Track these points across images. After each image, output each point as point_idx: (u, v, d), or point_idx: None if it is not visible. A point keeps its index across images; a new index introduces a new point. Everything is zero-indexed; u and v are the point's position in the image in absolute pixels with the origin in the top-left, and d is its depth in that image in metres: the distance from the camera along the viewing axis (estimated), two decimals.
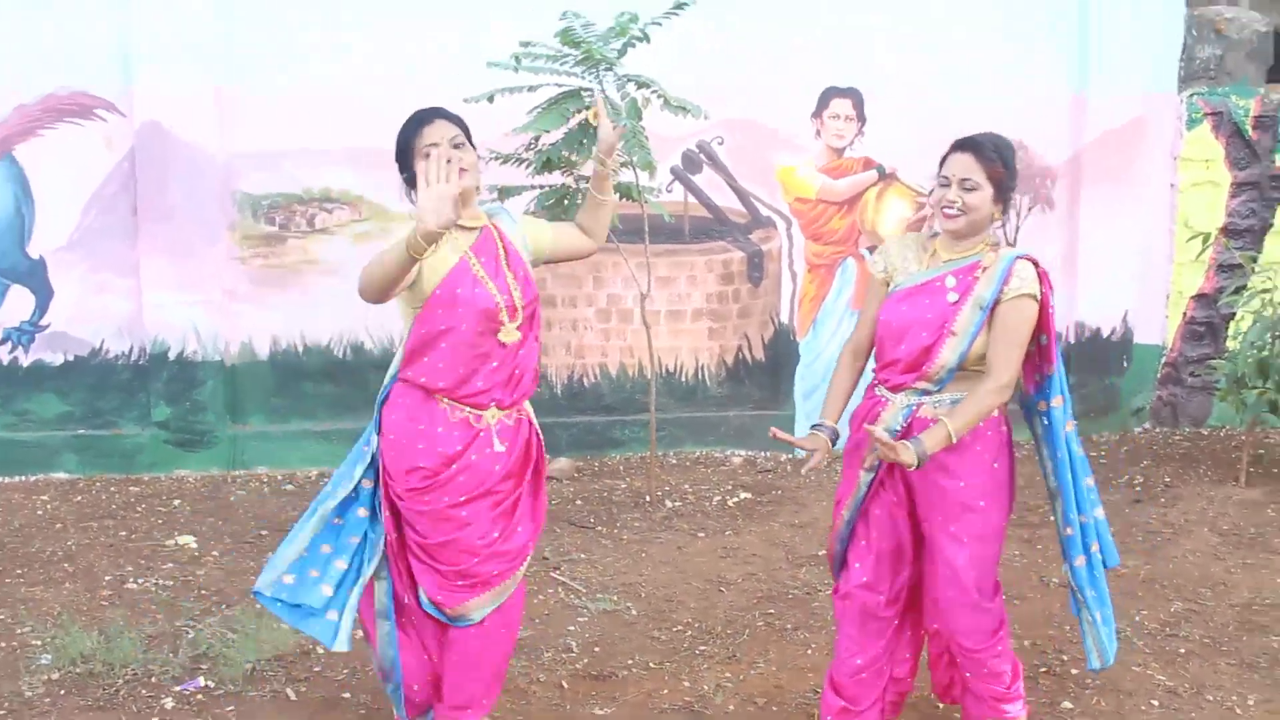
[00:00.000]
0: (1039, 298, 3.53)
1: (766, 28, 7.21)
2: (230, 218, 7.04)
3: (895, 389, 3.63)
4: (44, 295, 7.00)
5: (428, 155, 3.33)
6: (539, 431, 3.73)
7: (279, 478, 7.05)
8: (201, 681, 4.47)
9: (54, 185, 6.93)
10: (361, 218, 7.11)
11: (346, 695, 4.39)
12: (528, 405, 3.69)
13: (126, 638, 4.70)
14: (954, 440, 3.43)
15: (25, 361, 7.04)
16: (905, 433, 3.58)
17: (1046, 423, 3.71)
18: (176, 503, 6.60)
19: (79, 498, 6.70)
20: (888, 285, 3.73)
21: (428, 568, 3.57)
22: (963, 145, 3.59)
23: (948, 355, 3.54)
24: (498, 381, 3.51)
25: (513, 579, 3.62)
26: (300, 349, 7.17)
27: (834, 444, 3.69)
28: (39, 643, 4.78)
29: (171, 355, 7.00)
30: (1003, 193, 3.58)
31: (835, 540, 3.83)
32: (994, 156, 3.53)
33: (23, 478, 6.99)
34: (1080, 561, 3.72)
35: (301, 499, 6.60)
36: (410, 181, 3.53)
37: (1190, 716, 4.22)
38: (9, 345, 7.01)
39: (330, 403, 7.24)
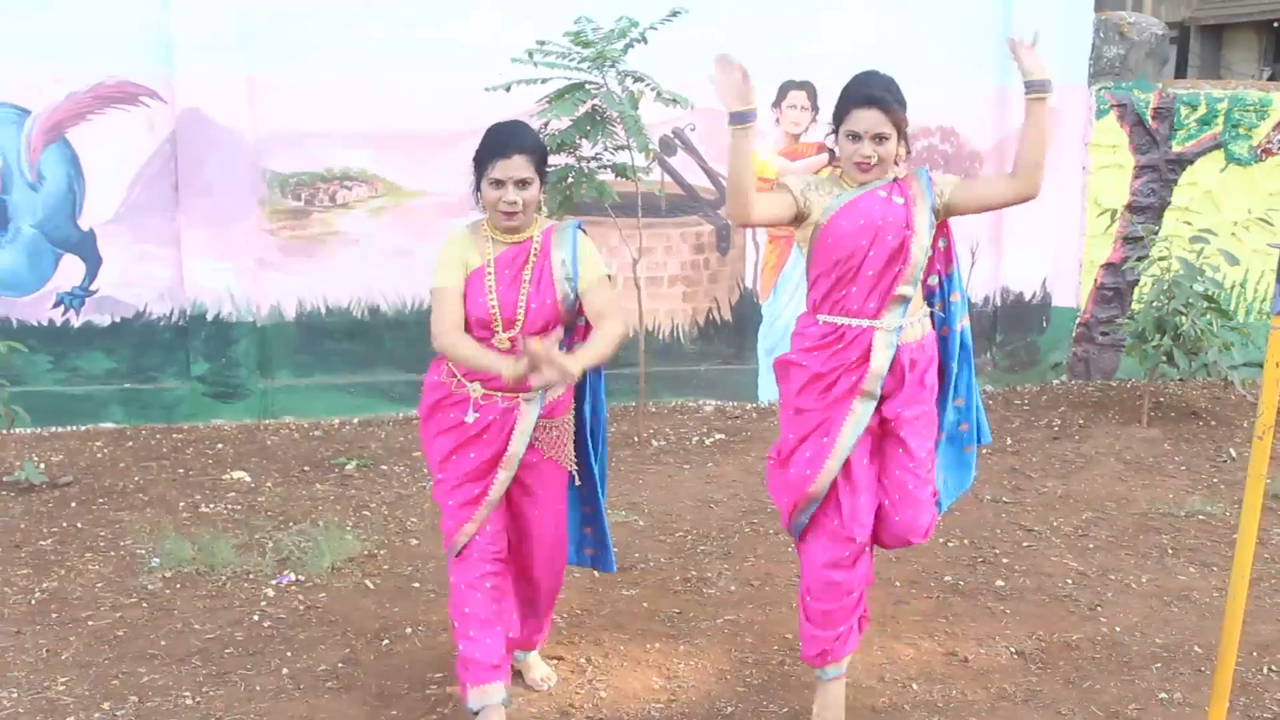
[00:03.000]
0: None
1: (732, 28, 8.09)
2: (261, 194, 7.84)
3: (876, 312, 3.74)
4: (93, 263, 7.76)
5: (494, 185, 3.71)
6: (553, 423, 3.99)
7: (305, 425, 7.90)
8: (292, 576, 5.37)
9: (102, 164, 7.66)
10: (378, 194, 7.96)
11: (416, 585, 5.32)
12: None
13: (220, 545, 5.60)
14: None
15: (76, 323, 7.80)
16: (895, 363, 3.76)
17: (948, 314, 3.97)
18: (220, 446, 7.44)
19: (130, 443, 7.51)
20: (796, 209, 3.76)
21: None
22: (867, 100, 3.67)
23: (916, 252, 3.72)
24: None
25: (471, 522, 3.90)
26: (323, 311, 8.01)
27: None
28: (143, 552, 5.66)
29: (209, 317, 7.81)
30: (903, 134, 3.75)
31: (811, 482, 3.81)
32: (896, 106, 3.67)
33: (75, 427, 7.77)
34: (964, 427, 4.08)
35: (328, 444, 7.49)
36: (476, 182, 3.82)
37: (1096, 589, 5.30)
38: (62, 308, 7.77)
39: (350, 359, 8.09)
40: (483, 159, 3.74)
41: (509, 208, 3.73)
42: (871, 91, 3.69)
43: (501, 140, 3.74)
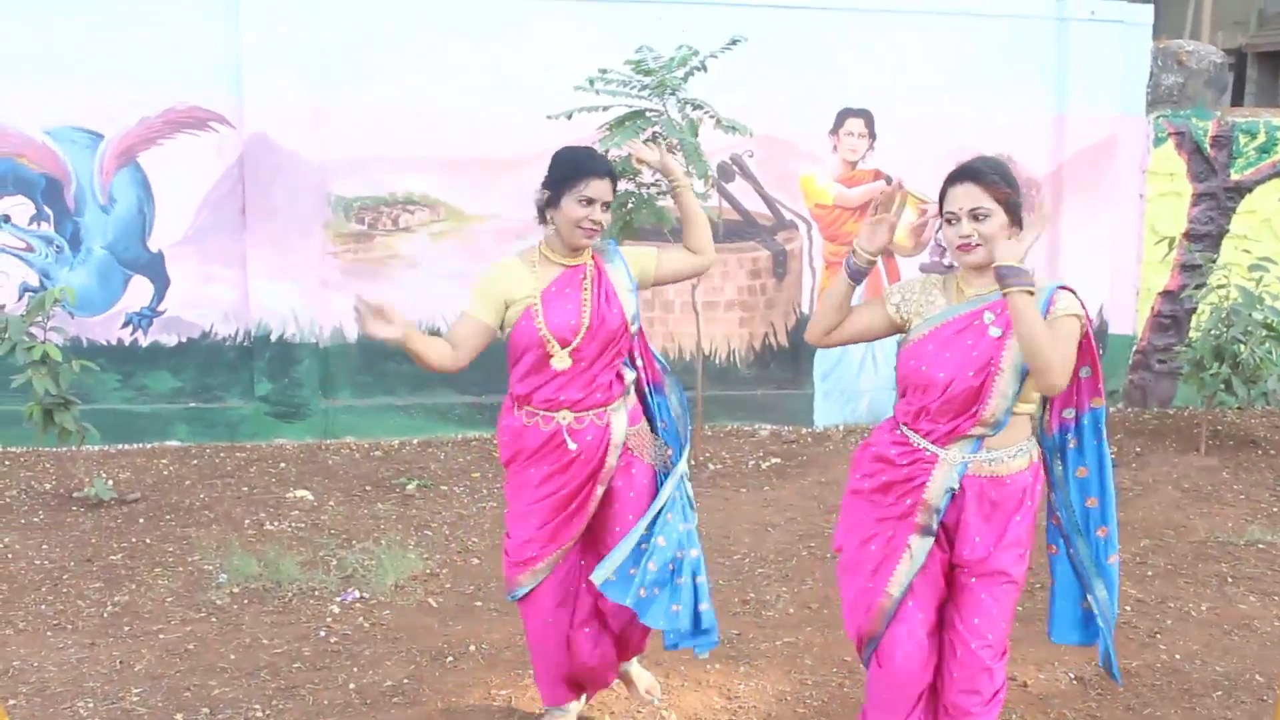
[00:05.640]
0: (1084, 322, 3.32)
1: (791, 57, 8.21)
2: (325, 217, 7.99)
3: (945, 440, 3.40)
4: (161, 284, 7.94)
5: (583, 203, 3.76)
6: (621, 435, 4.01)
7: (366, 445, 8.02)
8: (356, 593, 5.47)
9: (172, 188, 7.84)
10: (440, 218, 8.09)
11: (478, 604, 5.40)
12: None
13: (285, 562, 5.70)
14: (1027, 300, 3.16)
15: (144, 342, 7.97)
16: (959, 495, 3.41)
17: (1078, 443, 3.50)
18: (283, 465, 7.57)
19: (194, 461, 7.65)
20: (893, 322, 3.52)
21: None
22: (961, 175, 3.36)
23: (1000, 394, 3.32)
24: (570, 390, 3.88)
25: (545, 563, 3.97)
26: None
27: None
28: (210, 568, 5.77)
29: (273, 337, 7.96)
30: (1013, 212, 3.35)
31: (875, 619, 3.50)
32: (997, 179, 3.33)
33: (141, 445, 7.93)
34: (1113, 559, 3.57)
35: (388, 464, 7.60)
36: (551, 200, 3.83)
37: (1155, 616, 5.30)
38: (130, 328, 7.95)
39: (410, 380, 8.21)
40: (571, 177, 3.79)
41: (593, 226, 3.81)
42: (965, 165, 3.39)
43: (592, 162, 3.83)
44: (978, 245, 3.32)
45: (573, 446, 3.88)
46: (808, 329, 3.65)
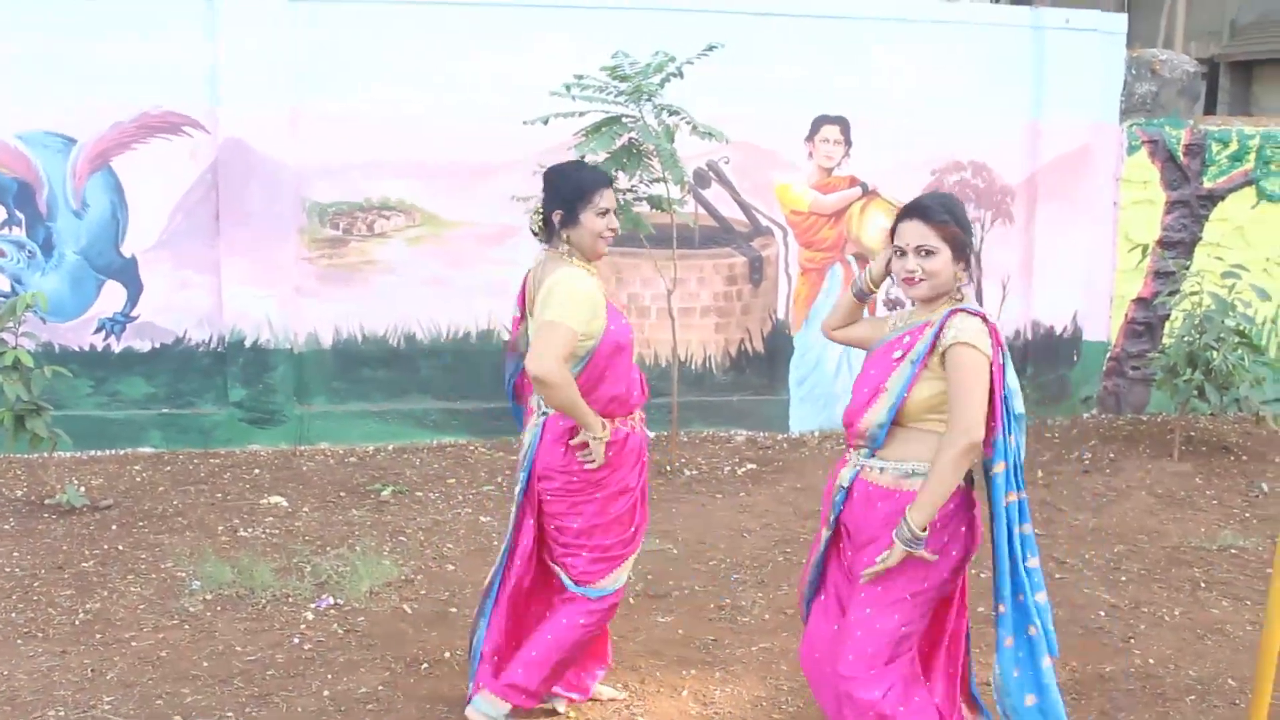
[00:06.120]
0: (985, 352, 3.33)
1: (768, 64, 8.21)
2: (300, 222, 7.95)
3: (850, 446, 3.60)
4: (134, 289, 7.88)
5: (602, 214, 3.92)
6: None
7: (341, 451, 7.98)
8: (330, 600, 5.44)
9: (145, 193, 7.78)
10: (416, 224, 8.06)
11: (453, 610, 5.38)
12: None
13: (259, 569, 5.67)
14: (923, 526, 3.30)
15: (117, 348, 7.91)
16: (849, 494, 3.53)
17: (989, 491, 3.44)
18: (257, 471, 7.53)
19: (167, 468, 7.60)
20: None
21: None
22: (910, 212, 3.46)
23: (875, 412, 3.45)
24: (635, 389, 4.10)
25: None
26: (360, 338, 8.11)
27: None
28: (184, 574, 5.73)
29: (247, 343, 7.90)
30: (961, 251, 3.43)
31: (804, 586, 3.82)
32: (945, 218, 3.41)
33: (114, 451, 7.87)
34: (1009, 642, 3.45)
35: (363, 470, 7.57)
36: (566, 221, 3.93)
37: (1129, 621, 5.32)
38: (103, 333, 7.89)
39: (386, 386, 8.18)
40: (586, 192, 3.92)
41: (612, 232, 3.97)
42: (917, 202, 3.50)
43: (597, 174, 4.01)
44: (921, 280, 3.43)
45: (651, 435, 4.16)
46: (824, 319, 4.00)
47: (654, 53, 6.93)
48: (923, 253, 3.41)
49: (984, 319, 3.37)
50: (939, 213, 3.42)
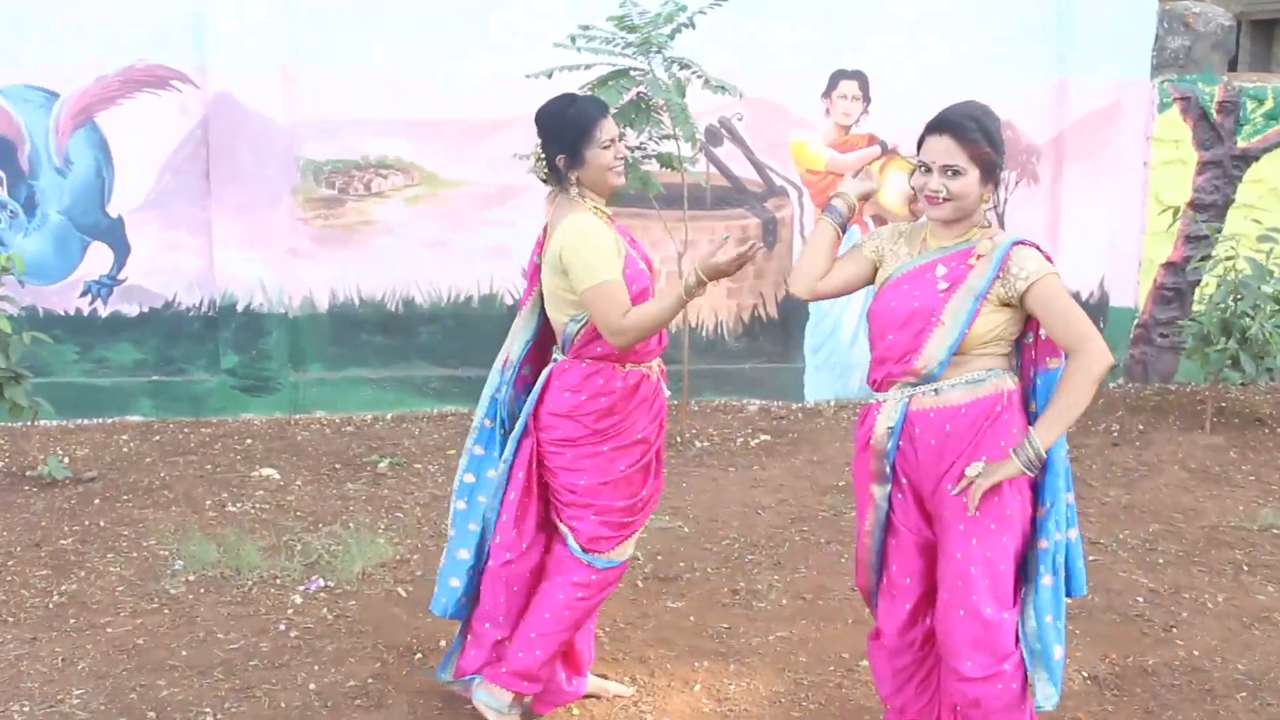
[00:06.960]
0: (1057, 275, 3.22)
1: (783, 17, 7.84)
2: (294, 182, 7.62)
3: (884, 385, 3.32)
4: (122, 251, 7.56)
5: (607, 146, 3.68)
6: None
7: (337, 420, 7.66)
8: (320, 581, 5.14)
9: (132, 150, 7.46)
10: (414, 183, 7.72)
11: None
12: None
13: (246, 547, 5.37)
14: (1048, 447, 3.15)
15: (104, 313, 7.61)
16: (905, 429, 3.28)
17: (1035, 407, 3.31)
18: (249, 442, 7.22)
19: (156, 437, 7.30)
20: (875, 268, 3.42)
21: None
22: (940, 126, 3.20)
23: (935, 346, 3.20)
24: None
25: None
26: (356, 302, 7.79)
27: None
28: (167, 553, 5.44)
29: (239, 308, 7.59)
30: (990, 174, 3.21)
31: (864, 570, 3.50)
32: (977, 136, 3.16)
33: (101, 420, 7.57)
34: (1048, 580, 3.28)
35: (360, 440, 7.26)
36: (571, 163, 3.69)
37: (1169, 608, 4.99)
38: (89, 297, 7.58)
39: (383, 352, 7.86)
40: (586, 129, 3.66)
41: (621, 163, 3.76)
42: (948, 116, 3.21)
43: (592, 106, 3.75)
44: (945, 200, 3.20)
45: (668, 393, 3.87)
46: (792, 281, 3.51)
47: (663, 2, 6.55)
48: (949, 173, 3.18)
49: (1037, 246, 3.24)
50: (971, 131, 3.17)
